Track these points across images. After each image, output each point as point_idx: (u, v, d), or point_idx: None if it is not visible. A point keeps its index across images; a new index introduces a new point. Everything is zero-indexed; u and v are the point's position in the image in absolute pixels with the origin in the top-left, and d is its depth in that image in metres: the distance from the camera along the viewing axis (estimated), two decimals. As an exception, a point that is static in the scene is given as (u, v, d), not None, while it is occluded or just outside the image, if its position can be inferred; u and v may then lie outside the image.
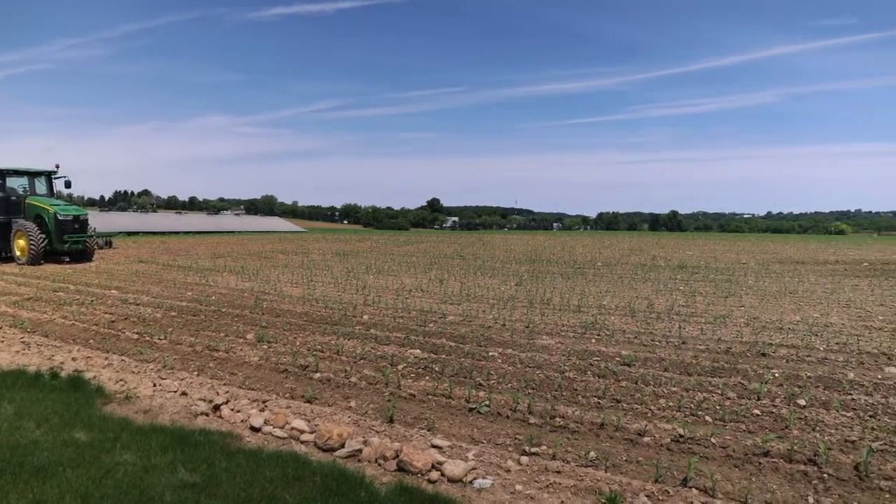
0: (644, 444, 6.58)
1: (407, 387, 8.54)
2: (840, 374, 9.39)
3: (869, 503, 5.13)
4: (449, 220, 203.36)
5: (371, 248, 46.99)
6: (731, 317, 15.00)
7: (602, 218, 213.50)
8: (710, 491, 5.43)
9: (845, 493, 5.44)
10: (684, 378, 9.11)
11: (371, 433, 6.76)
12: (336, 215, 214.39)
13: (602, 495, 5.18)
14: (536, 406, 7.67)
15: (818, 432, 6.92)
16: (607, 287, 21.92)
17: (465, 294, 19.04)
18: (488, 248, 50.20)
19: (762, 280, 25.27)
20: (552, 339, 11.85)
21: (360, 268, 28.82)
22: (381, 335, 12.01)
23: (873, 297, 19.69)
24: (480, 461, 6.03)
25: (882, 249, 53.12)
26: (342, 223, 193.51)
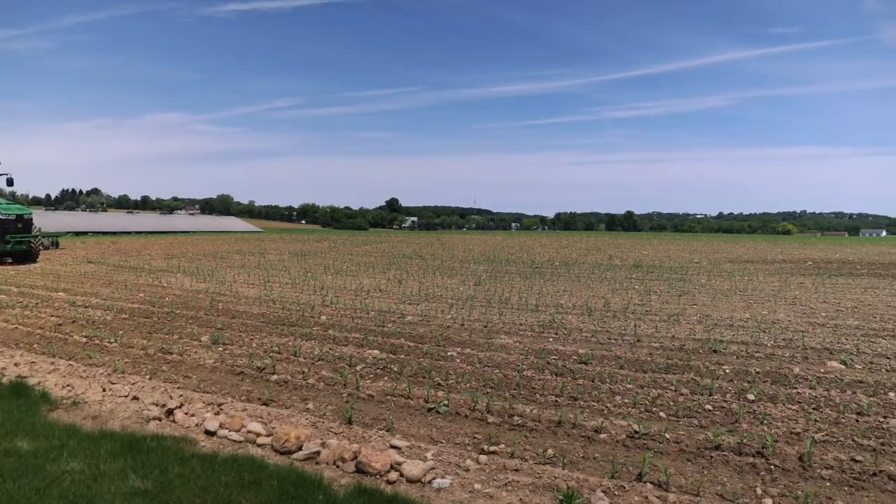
0: (600, 441, 6.68)
1: (365, 387, 8.49)
2: (786, 368, 9.71)
3: (811, 492, 5.31)
4: (408, 220, 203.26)
5: (329, 249, 46.60)
6: (684, 315, 15.37)
7: (560, 218, 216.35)
8: (664, 485, 5.54)
9: (790, 483, 5.63)
10: (639, 375, 9.29)
11: (329, 435, 6.69)
12: (294, 215, 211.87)
13: (560, 492, 5.24)
14: (495, 405, 7.71)
15: (766, 425, 7.14)
16: (565, 286, 22.20)
17: (423, 294, 19.03)
18: (447, 248, 50.32)
19: (714, 279, 25.97)
20: (510, 339, 11.94)
21: (318, 268, 28.54)
22: (340, 336, 11.91)
23: (817, 294, 20.44)
24: (439, 461, 6.03)
25: (825, 249, 55.17)
26: (300, 223, 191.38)
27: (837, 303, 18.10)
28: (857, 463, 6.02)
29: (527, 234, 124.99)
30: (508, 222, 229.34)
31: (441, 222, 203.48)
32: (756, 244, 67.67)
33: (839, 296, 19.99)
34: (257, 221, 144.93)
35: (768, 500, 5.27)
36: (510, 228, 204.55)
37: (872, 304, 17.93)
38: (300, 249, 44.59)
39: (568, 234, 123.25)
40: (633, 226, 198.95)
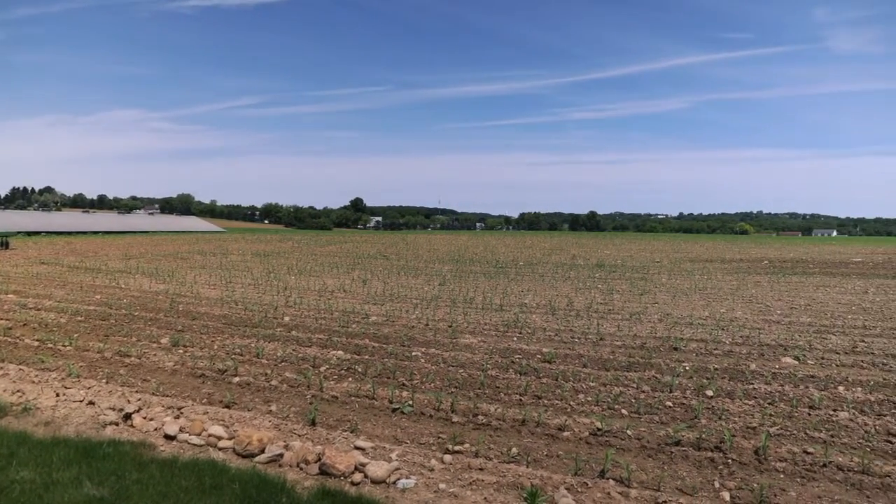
0: (564, 439, 6.76)
1: (329, 389, 8.43)
2: (743, 365, 9.97)
3: (766, 484, 5.47)
4: (372, 220, 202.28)
5: (293, 249, 46.11)
6: (645, 313, 15.64)
7: (524, 218, 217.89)
8: (625, 481, 5.64)
9: (746, 475, 5.79)
10: (602, 373, 9.43)
11: (293, 437, 6.62)
12: (256, 215, 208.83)
13: (524, 490, 5.28)
14: (459, 404, 7.74)
15: (724, 421, 7.32)
16: (529, 286, 22.39)
17: (388, 294, 18.98)
18: (412, 248, 50.26)
19: (674, 278, 26.49)
20: (475, 338, 11.99)
21: (281, 268, 28.22)
22: (303, 337, 11.80)
23: (772, 292, 21.02)
24: (404, 461, 6.02)
25: (780, 248, 56.76)
26: (263, 223, 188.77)
27: (791, 300, 18.65)
28: (808, 455, 6.22)
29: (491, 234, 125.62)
30: (473, 222, 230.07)
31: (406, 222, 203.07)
32: (715, 244, 69.26)
33: (793, 294, 20.60)
34: (219, 221, 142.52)
35: (725, 494, 5.40)
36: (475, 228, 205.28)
37: (824, 301, 18.52)
38: (263, 250, 44.02)
39: (532, 234, 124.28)
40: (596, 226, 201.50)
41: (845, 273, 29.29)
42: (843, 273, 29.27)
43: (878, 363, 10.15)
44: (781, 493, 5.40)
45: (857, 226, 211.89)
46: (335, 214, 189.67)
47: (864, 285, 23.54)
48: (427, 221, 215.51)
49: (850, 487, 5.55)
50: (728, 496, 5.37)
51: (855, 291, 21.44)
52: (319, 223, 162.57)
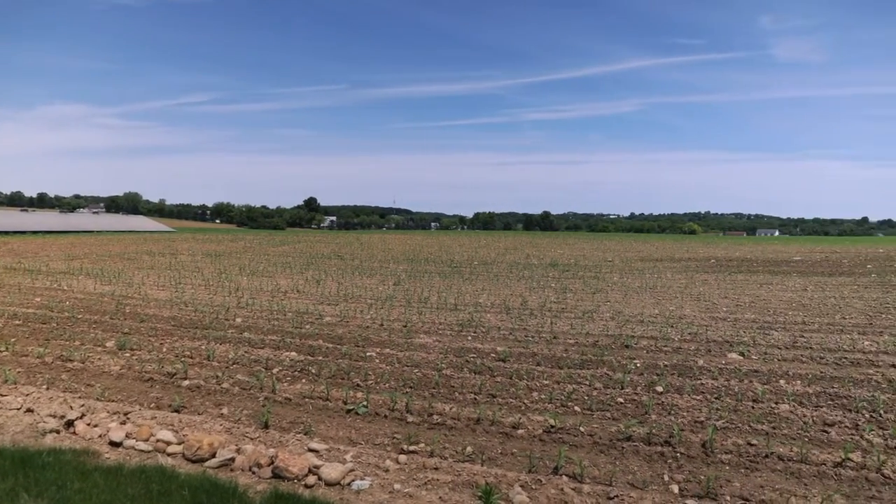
0: (518, 437, 6.83)
1: (283, 391, 8.31)
2: (692, 361, 10.25)
3: (713, 475, 5.64)
4: (327, 220, 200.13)
5: (245, 249, 45.27)
6: (598, 312, 15.92)
7: (479, 218, 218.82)
8: (578, 477, 5.73)
9: (694, 468, 5.96)
10: (555, 371, 9.56)
11: (245, 440, 6.51)
12: (208, 214, 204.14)
13: (478, 488, 5.32)
14: (414, 404, 7.73)
15: (673, 415, 7.51)
16: (483, 285, 22.53)
17: (342, 294, 18.83)
18: (366, 247, 49.97)
19: (626, 276, 27.04)
20: (430, 338, 12.00)
21: (233, 269, 27.68)
22: (256, 338, 11.61)
23: (719, 290, 21.68)
24: (359, 462, 5.99)
25: (727, 248, 58.53)
26: (214, 222, 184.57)
27: (737, 298, 19.26)
28: (752, 446, 6.44)
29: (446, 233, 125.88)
30: (428, 222, 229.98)
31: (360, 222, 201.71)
32: (665, 243, 70.95)
33: (738, 291, 21.28)
34: (168, 221, 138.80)
35: (674, 486, 5.55)
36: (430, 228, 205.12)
37: (767, 298, 19.19)
38: (214, 250, 43.09)
39: (486, 233, 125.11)
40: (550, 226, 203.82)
41: (786, 271, 30.42)
42: (785, 271, 30.39)
43: (816, 357, 10.57)
44: (727, 484, 5.58)
45: (797, 226, 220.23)
46: (288, 214, 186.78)
47: (803, 283, 24.49)
48: (382, 221, 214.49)
49: (790, 476, 5.78)
50: (677, 489, 5.52)
51: (795, 289, 22.28)
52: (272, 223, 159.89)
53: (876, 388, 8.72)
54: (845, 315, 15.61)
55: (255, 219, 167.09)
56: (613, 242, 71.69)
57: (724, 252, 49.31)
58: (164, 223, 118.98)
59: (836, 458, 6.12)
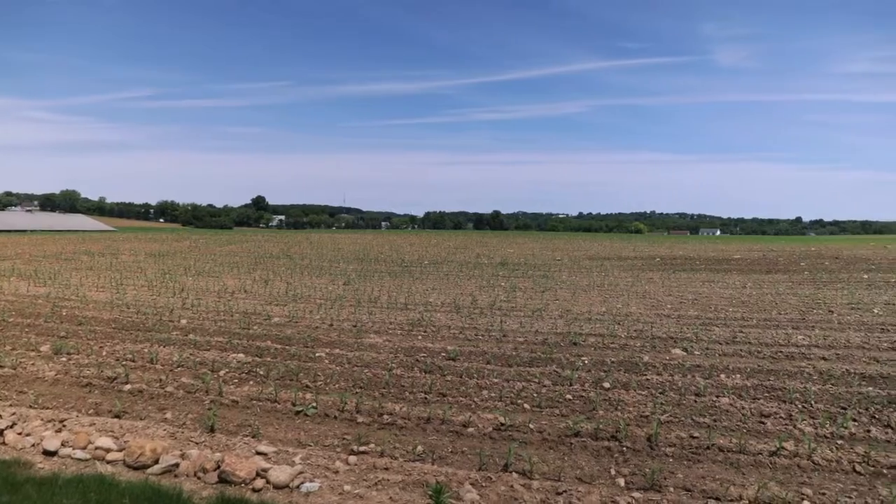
0: (468, 435, 6.87)
1: (229, 393, 8.15)
2: (637, 357, 10.50)
3: (657, 468, 5.80)
4: (275, 219, 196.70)
5: (190, 248, 44.13)
6: (546, 310, 16.15)
7: (429, 217, 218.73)
8: (528, 473, 5.81)
9: (639, 462, 6.12)
10: (505, 369, 9.65)
11: (190, 445, 6.35)
12: (151, 213, 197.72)
13: (429, 487, 5.32)
14: (364, 405, 7.69)
15: (619, 411, 7.69)
16: (434, 284, 22.56)
17: (291, 294, 18.57)
18: (316, 247, 49.39)
19: (574, 275, 27.51)
20: (380, 338, 11.95)
21: (177, 269, 26.95)
22: (201, 340, 11.33)
23: (664, 288, 22.28)
24: (308, 464, 5.91)
25: (671, 246, 60.17)
26: (158, 221, 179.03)
27: (680, 295, 19.84)
28: (694, 439, 6.66)
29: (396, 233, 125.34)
30: (378, 221, 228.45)
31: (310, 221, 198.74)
32: (612, 242, 72.37)
33: (682, 289, 21.92)
34: (109, 220, 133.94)
35: (621, 480, 5.69)
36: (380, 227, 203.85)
37: (709, 295, 19.83)
38: (158, 250, 41.84)
39: (437, 233, 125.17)
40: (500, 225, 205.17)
41: (727, 269, 31.48)
42: (726, 269, 31.45)
43: (754, 351, 10.99)
44: (670, 476, 5.75)
45: (737, 225, 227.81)
46: (236, 213, 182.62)
47: (742, 280, 25.40)
48: (332, 220, 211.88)
49: (729, 466, 6.00)
50: (623, 482, 5.65)
51: (735, 286, 23.09)
52: (219, 222, 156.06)
53: (808, 379, 9.13)
54: (781, 311, 16.28)
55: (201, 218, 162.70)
56: (562, 241, 72.74)
57: (668, 251, 50.68)
58: (104, 222, 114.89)
59: (771, 448, 6.39)
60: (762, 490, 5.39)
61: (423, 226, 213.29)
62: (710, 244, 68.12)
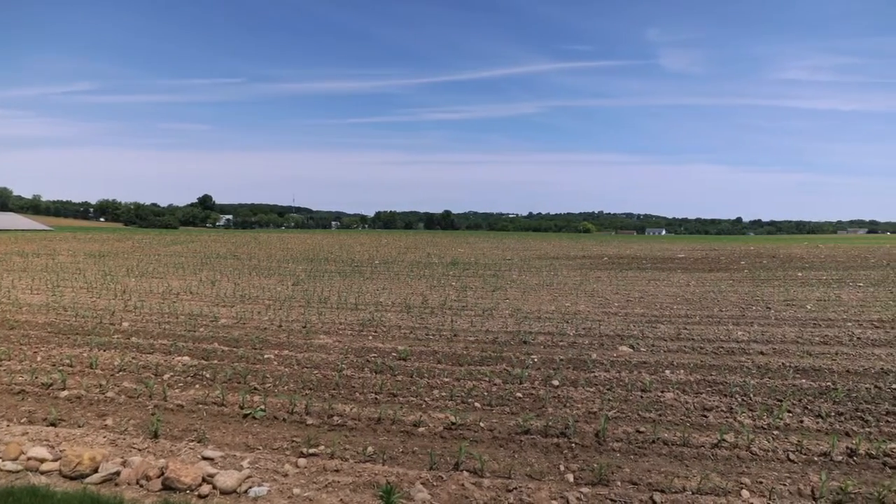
0: (419, 435, 6.86)
1: (174, 397, 7.92)
2: (586, 355, 10.68)
3: (605, 463, 5.92)
4: (222, 219, 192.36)
5: (133, 249, 42.73)
6: (497, 309, 16.28)
7: (380, 217, 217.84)
8: (479, 472, 5.84)
9: (588, 457, 6.23)
10: (456, 368, 9.68)
11: (132, 452, 6.14)
12: (91, 212, 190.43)
13: (380, 488, 5.30)
14: (314, 406, 7.59)
15: (568, 408, 7.81)
16: (384, 284, 22.46)
17: (239, 295, 18.20)
18: (264, 247, 48.52)
19: (524, 274, 27.80)
20: (330, 338, 11.83)
21: (119, 270, 26.06)
22: (145, 343, 10.98)
23: (611, 286, 22.74)
24: (256, 468, 5.80)
25: (618, 246, 61.49)
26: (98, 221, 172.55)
27: (627, 294, 20.28)
28: (640, 434, 6.82)
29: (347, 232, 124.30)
30: (329, 221, 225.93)
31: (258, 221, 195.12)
32: (561, 242, 73.49)
33: (629, 287, 22.41)
34: (45, 219, 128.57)
35: (570, 475, 5.78)
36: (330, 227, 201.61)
37: (654, 294, 20.34)
38: (98, 250, 40.35)
39: (388, 232, 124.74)
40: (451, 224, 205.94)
41: (672, 268, 32.36)
42: (670, 268, 32.33)
43: (697, 348, 11.32)
44: (618, 471, 5.87)
45: (681, 225, 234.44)
46: (181, 212, 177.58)
47: (686, 278, 26.15)
48: (281, 220, 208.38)
49: (674, 459, 6.17)
50: (572, 477, 5.74)
51: (679, 284, 23.76)
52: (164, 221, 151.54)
53: (747, 373, 9.47)
54: (722, 308, 16.82)
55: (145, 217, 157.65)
56: (513, 241, 73.45)
57: (615, 250, 51.76)
58: (39, 221, 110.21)
59: (713, 440, 6.60)
60: (704, 481, 5.56)
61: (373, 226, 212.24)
62: (656, 243, 69.92)
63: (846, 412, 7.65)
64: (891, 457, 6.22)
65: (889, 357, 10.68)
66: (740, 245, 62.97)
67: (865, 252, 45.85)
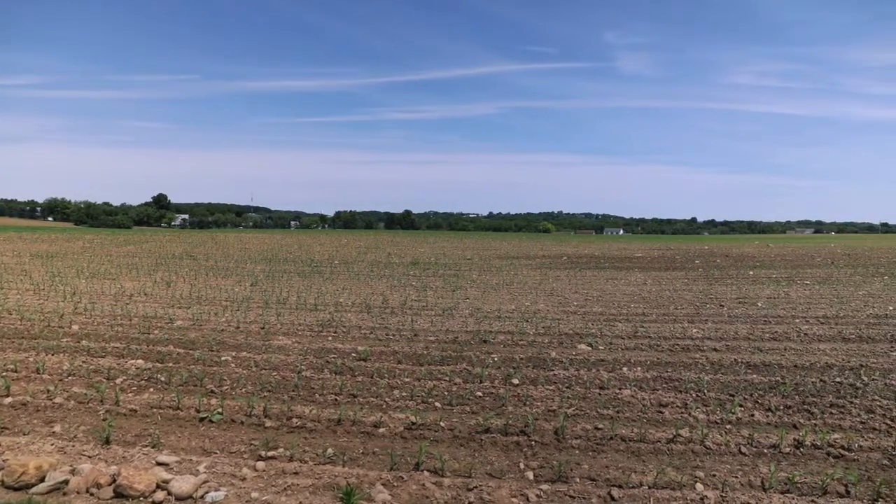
0: (380, 435, 6.83)
1: (127, 402, 7.71)
2: (545, 353, 10.80)
3: (564, 460, 5.99)
4: (178, 218, 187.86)
5: (84, 249, 41.41)
6: (457, 308, 16.32)
7: (340, 217, 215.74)
8: (440, 471, 5.84)
9: (547, 455, 6.30)
10: (416, 368, 9.67)
11: (82, 459, 5.94)
12: (38, 211, 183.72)
13: (340, 490, 5.25)
14: (273, 408, 7.48)
15: (528, 406, 7.87)
16: (344, 285, 22.29)
17: (195, 297, 17.83)
18: (222, 247, 47.60)
19: (485, 274, 27.93)
20: (289, 339, 11.68)
21: (69, 271, 25.23)
22: (96, 347, 10.66)
23: (570, 285, 23.04)
24: (213, 473, 5.69)
25: (577, 245, 62.26)
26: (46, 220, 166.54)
27: (586, 293, 20.57)
28: (598, 430, 6.93)
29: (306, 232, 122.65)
30: (288, 220, 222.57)
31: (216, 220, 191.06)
32: (521, 241, 73.93)
33: (587, 286, 22.73)
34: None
35: (530, 473, 5.82)
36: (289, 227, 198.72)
37: (612, 292, 20.68)
38: (46, 250, 38.96)
39: (348, 232, 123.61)
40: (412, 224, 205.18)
41: (629, 267, 32.95)
42: (628, 267, 32.91)
43: (653, 345, 11.56)
44: (577, 467, 5.95)
45: (638, 225, 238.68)
46: (135, 212, 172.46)
47: (643, 277, 26.66)
48: (238, 220, 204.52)
49: (631, 455, 6.28)
50: (532, 475, 5.79)
51: (636, 283, 24.21)
52: (117, 221, 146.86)
53: (701, 370, 9.70)
54: (678, 306, 17.21)
55: (97, 216, 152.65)
56: (473, 241, 73.65)
57: (574, 250, 52.42)
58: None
59: (668, 435, 6.75)
60: (660, 475, 5.68)
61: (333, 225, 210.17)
62: (614, 243, 71.03)
63: (794, 405, 7.92)
64: (833, 447, 6.48)
65: (833, 352, 11.10)
66: (695, 244, 64.49)
67: (812, 251, 47.50)
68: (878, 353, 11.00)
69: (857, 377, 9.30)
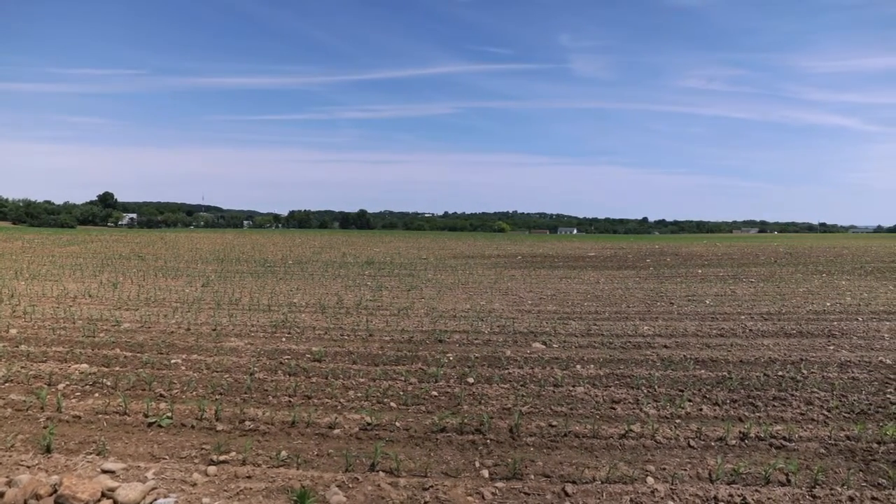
0: (335, 437, 6.76)
1: (70, 408, 7.43)
2: (500, 352, 10.87)
3: (519, 458, 6.05)
4: (126, 217, 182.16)
5: (23, 249, 39.77)
6: (412, 308, 16.29)
7: (294, 216, 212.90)
8: (395, 471, 5.82)
9: (502, 453, 6.34)
10: (371, 369, 9.62)
11: (19, 470, 5.70)
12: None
13: (294, 493, 5.18)
14: (224, 411, 7.33)
15: (483, 405, 7.91)
16: (298, 285, 22.02)
17: (143, 298, 17.33)
18: (171, 247, 46.41)
19: (440, 273, 27.97)
20: (241, 341, 11.47)
21: (6, 273, 24.20)
22: (36, 351, 10.24)
23: (525, 284, 23.27)
24: (162, 479, 5.54)
25: (532, 245, 62.97)
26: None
27: (540, 291, 20.81)
28: (553, 427, 7.01)
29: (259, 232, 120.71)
30: (240, 220, 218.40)
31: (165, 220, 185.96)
32: (476, 241, 74.37)
33: (542, 285, 23.00)
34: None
35: (485, 471, 5.86)
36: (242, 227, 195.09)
37: (566, 291, 20.97)
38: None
39: (302, 232, 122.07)
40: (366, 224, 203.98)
41: (583, 266, 33.49)
42: (581, 266, 33.44)
43: (606, 343, 11.77)
44: (531, 464, 6.01)
45: (591, 225, 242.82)
46: (79, 210, 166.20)
47: (596, 276, 27.14)
48: (189, 219, 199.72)
49: (584, 451, 6.38)
50: (487, 473, 5.82)
51: (590, 282, 24.62)
52: (59, 220, 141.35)
53: (652, 366, 9.92)
54: (629, 304, 17.56)
55: (37, 215, 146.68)
56: (428, 240, 73.72)
57: (529, 249, 52.99)
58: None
59: (621, 431, 6.88)
60: (613, 470, 5.79)
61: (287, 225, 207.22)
62: (568, 242, 72.07)
63: (739, 399, 8.17)
64: (776, 438, 6.72)
65: (776, 347, 11.50)
66: (646, 244, 65.99)
67: (756, 250, 49.19)
68: (816, 348, 11.45)
69: (798, 371, 9.66)
